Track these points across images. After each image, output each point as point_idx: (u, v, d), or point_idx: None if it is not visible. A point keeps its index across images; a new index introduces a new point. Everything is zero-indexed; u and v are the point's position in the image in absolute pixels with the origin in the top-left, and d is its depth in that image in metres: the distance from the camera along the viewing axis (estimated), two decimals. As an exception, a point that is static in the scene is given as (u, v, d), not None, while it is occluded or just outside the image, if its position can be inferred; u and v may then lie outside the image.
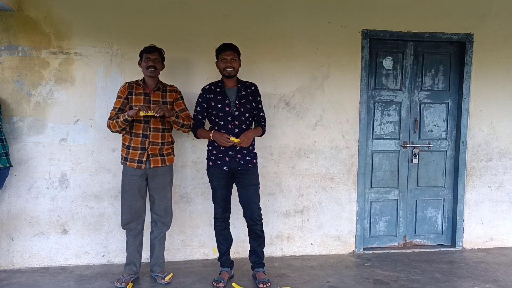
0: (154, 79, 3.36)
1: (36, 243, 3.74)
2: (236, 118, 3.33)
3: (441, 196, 4.40)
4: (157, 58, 3.32)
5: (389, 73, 4.22)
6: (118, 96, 3.36)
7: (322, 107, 4.07)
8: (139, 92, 3.34)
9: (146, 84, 3.37)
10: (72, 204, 3.77)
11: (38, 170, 3.70)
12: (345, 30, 4.03)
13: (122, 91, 3.35)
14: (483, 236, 4.41)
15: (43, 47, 3.64)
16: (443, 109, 4.34)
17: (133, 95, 3.33)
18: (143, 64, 3.32)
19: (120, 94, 3.34)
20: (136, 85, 3.36)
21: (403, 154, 4.30)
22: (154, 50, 3.33)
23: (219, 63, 3.34)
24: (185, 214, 3.93)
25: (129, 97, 3.33)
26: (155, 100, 3.34)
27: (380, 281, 3.55)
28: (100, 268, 3.73)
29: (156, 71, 3.33)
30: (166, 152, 3.41)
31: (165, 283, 3.41)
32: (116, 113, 3.31)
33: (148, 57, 3.30)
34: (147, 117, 3.27)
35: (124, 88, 3.35)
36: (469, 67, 4.24)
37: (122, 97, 3.33)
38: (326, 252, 4.16)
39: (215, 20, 3.84)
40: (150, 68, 3.28)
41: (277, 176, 4.04)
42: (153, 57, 3.30)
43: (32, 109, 3.67)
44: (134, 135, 3.32)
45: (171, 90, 3.43)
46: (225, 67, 3.29)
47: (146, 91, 3.35)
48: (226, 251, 3.50)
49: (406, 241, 4.37)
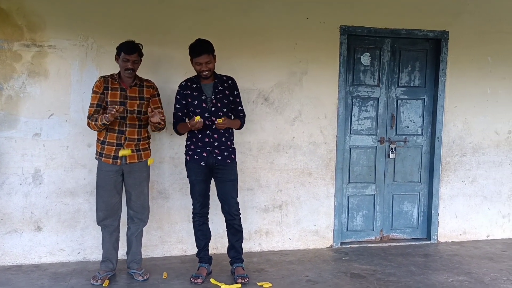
0: (131, 77, 3.30)
1: (9, 240, 3.65)
2: (213, 114, 3.30)
3: (417, 191, 4.47)
4: (136, 60, 3.23)
5: (366, 69, 4.26)
6: (94, 91, 3.26)
7: (301, 103, 4.08)
8: (115, 87, 3.27)
9: (122, 80, 3.30)
10: (46, 200, 3.68)
11: (10, 165, 3.60)
12: (324, 26, 4.05)
13: (98, 86, 3.26)
14: (457, 230, 4.51)
15: (15, 39, 3.54)
16: (419, 105, 4.40)
17: (108, 90, 3.26)
18: (121, 64, 3.22)
19: (96, 89, 3.26)
20: (112, 80, 3.29)
21: (380, 150, 4.35)
22: (133, 51, 3.19)
23: (194, 65, 3.28)
24: (163, 210, 3.90)
25: (105, 92, 3.26)
26: (131, 96, 3.29)
27: (357, 274, 3.59)
28: (76, 266, 3.66)
29: (134, 72, 3.26)
30: (143, 147, 3.37)
31: (142, 279, 3.38)
32: (95, 109, 3.23)
33: (127, 59, 3.19)
34: (124, 113, 3.23)
35: (100, 82, 3.27)
36: (445, 64, 4.31)
37: (98, 92, 3.25)
38: (305, 246, 4.19)
39: (193, 13, 3.80)
40: (128, 70, 3.21)
41: (256, 171, 4.04)
42: (132, 59, 3.20)
43: (4, 103, 3.57)
44: (110, 131, 3.27)
45: (148, 86, 3.37)
46: (201, 71, 3.24)
47: (122, 86, 3.29)
48: (205, 247, 3.48)
49: (383, 235, 4.44)
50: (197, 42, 3.25)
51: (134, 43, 3.24)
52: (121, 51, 3.20)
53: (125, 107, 3.25)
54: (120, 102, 3.25)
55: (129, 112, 3.27)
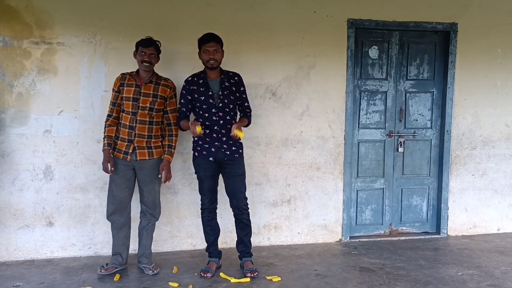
0: (148, 72, 3.33)
1: (21, 235, 3.70)
2: (220, 109, 3.31)
3: (426, 185, 4.45)
4: (153, 53, 3.28)
5: (374, 63, 4.24)
6: (112, 89, 3.38)
7: (308, 97, 4.07)
8: (130, 83, 3.31)
9: (139, 76, 3.33)
10: (57, 196, 3.73)
11: (22, 162, 3.65)
12: (331, 20, 4.03)
13: (115, 83, 3.36)
14: (467, 223, 4.48)
15: (24, 37, 3.57)
16: (428, 98, 4.37)
17: (124, 86, 3.31)
18: (138, 58, 3.28)
19: (113, 87, 3.37)
20: (130, 76, 3.34)
21: (388, 143, 4.33)
22: (150, 44, 3.27)
23: (201, 54, 3.31)
24: (172, 205, 3.92)
25: (120, 88, 3.31)
26: (145, 92, 3.30)
27: (366, 268, 3.59)
28: (87, 260, 3.71)
29: (151, 66, 3.30)
30: (154, 145, 3.38)
31: (152, 274, 3.41)
32: (111, 107, 3.34)
33: (144, 52, 3.25)
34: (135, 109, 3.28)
35: (117, 80, 3.35)
36: (454, 56, 4.27)
37: (114, 90, 3.35)
38: (313, 241, 4.19)
39: (200, 9, 3.80)
40: (145, 63, 3.25)
41: (264, 166, 4.04)
42: (149, 52, 3.26)
43: (15, 100, 3.61)
44: (122, 126, 3.33)
45: (165, 85, 3.38)
46: (208, 59, 3.26)
47: (138, 83, 3.31)
48: (214, 242, 3.50)
49: (392, 229, 4.43)
50: (207, 33, 3.31)
51: (151, 38, 3.31)
52: (139, 45, 3.28)
53: (138, 103, 3.29)
54: (133, 98, 3.28)
55: (141, 108, 3.29)
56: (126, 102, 3.29)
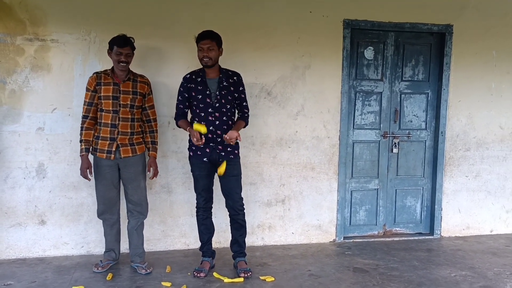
0: (125, 71, 3.30)
1: (13, 234, 3.67)
2: (217, 109, 3.29)
3: (420, 186, 4.46)
4: (129, 53, 3.25)
5: (370, 63, 4.24)
6: (86, 88, 3.30)
7: (304, 97, 4.07)
8: (107, 82, 3.27)
9: (115, 74, 3.29)
10: (50, 194, 3.70)
11: (14, 159, 3.62)
12: (327, 20, 4.03)
13: (90, 82, 3.27)
14: (460, 225, 4.50)
15: (18, 34, 3.54)
16: (423, 99, 4.38)
17: (101, 85, 3.26)
18: (114, 57, 3.24)
19: (88, 86, 3.28)
20: (105, 75, 3.29)
21: (383, 144, 4.34)
22: (126, 43, 3.22)
23: (198, 52, 3.29)
24: (166, 204, 3.90)
25: (97, 88, 3.26)
26: (124, 90, 3.28)
27: (360, 269, 3.59)
28: (79, 259, 3.68)
29: (127, 65, 3.27)
30: (137, 141, 3.38)
31: (145, 273, 3.39)
32: (86, 107, 3.28)
33: (120, 52, 3.20)
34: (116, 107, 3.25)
35: (92, 79, 3.27)
36: (449, 58, 4.28)
37: (90, 90, 3.27)
38: (307, 241, 4.19)
39: (195, 7, 3.78)
40: (122, 63, 3.22)
41: (258, 166, 4.03)
42: (125, 51, 3.21)
43: (7, 97, 3.57)
44: (103, 125, 3.28)
45: (142, 81, 3.36)
46: (202, 57, 3.24)
47: (116, 81, 3.27)
48: (208, 241, 3.49)
49: (386, 230, 4.43)
50: (204, 30, 3.28)
51: (126, 37, 3.25)
52: (114, 45, 3.21)
53: (118, 101, 3.26)
54: (112, 96, 3.24)
55: (122, 106, 3.27)
56: (106, 101, 3.24)
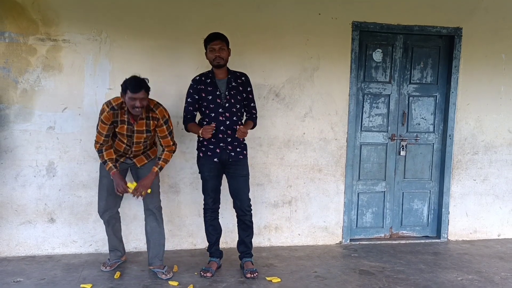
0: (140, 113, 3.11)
1: (23, 231, 3.72)
2: (227, 109, 3.31)
3: (427, 189, 4.45)
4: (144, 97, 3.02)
5: (378, 66, 4.24)
6: (102, 121, 3.10)
7: (312, 99, 4.08)
8: (123, 120, 3.15)
9: (130, 113, 3.12)
10: (59, 192, 3.74)
11: (25, 158, 3.66)
12: (336, 22, 4.04)
13: (107, 117, 3.09)
14: (468, 228, 4.48)
15: (30, 34, 3.58)
16: (431, 102, 4.38)
17: (118, 123, 3.15)
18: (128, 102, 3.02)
19: (105, 121, 3.10)
20: (121, 112, 3.14)
21: (391, 147, 4.34)
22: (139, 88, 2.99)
23: (208, 53, 3.31)
24: (174, 204, 3.93)
25: (114, 124, 3.16)
26: (138, 130, 3.18)
27: (366, 271, 3.59)
28: (88, 257, 3.72)
29: (143, 109, 3.07)
30: (150, 151, 3.39)
31: (166, 278, 3.29)
32: (104, 139, 3.14)
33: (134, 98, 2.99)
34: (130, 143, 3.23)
35: (108, 114, 3.09)
36: (458, 61, 4.27)
37: (107, 124, 3.11)
38: (314, 242, 4.20)
39: (206, 8, 3.81)
40: (136, 109, 3.02)
41: (266, 167, 4.05)
42: (140, 96, 2.99)
43: (19, 97, 3.62)
44: (116, 150, 3.27)
45: (154, 117, 3.18)
46: (214, 57, 3.26)
47: (130, 121, 3.15)
48: (216, 242, 3.50)
49: (392, 233, 4.43)
50: (212, 32, 3.32)
51: (138, 79, 3.03)
52: (127, 89, 3.00)
53: (132, 139, 3.22)
54: (127, 135, 3.19)
55: (135, 143, 3.24)
56: (120, 136, 3.19)
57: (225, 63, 3.32)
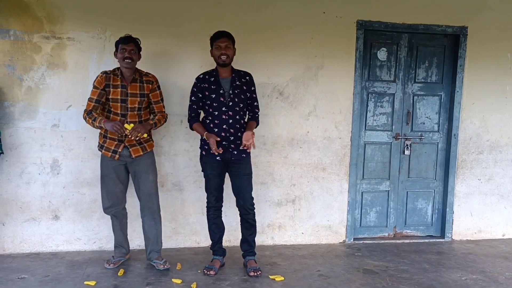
0: (131, 70, 3.28)
1: (27, 228, 3.73)
2: (230, 108, 3.31)
3: (431, 188, 4.44)
4: (133, 49, 3.24)
5: (383, 65, 4.23)
6: (94, 86, 3.25)
7: (316, 97, 4.07)
8: (116, 84, 3.26)
9: (123, 76, 3.29)
10: (63, 190, 3.76)
11: (30, 155, 3.68)
12: (340, 21, 4.02)
13: (99, 81, 3.24)
14: (472, 228, 4.46)
15: (35, 31, 3.60)
16: (435, 101, 4.36)
17: (110, 87, 3.25)
18: (119, 56, 3.24)
19: (97, 85, 3.24)
20: (114, 76, 3.28)
21: (395, 146, 4.32)
22: (129, 41, 3.23)
23: (213, 51, 3.31)
24: (177, 202, 3.94)
25: (106, 89, 3.25)
26: (132, 93, 3.26)
27: (369, 270, 3.59)
28: (91, 254, 3.73)
29: (133, 62, 3.25)
30: (144, 140, 3.37)
31: (163, 268, 3.41)
32: (94, 104, 3.24)
33: (124, 48, 3.21)
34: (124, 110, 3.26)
35: (101, 78, 3.25)
36: (463, 60, 4.25)
37: (99, 88, 3.23)
38: (317, 241, 4.19)
39: (208, 7, 3.81)
40: (126, 60, 3.20)
41: (269, 165, 4.05)
42: (129, 48, 3.21)
43: (24, 94, 3.64)
44: (111, 139, 3.29)
45: (147, 81, 3.33)
46: (220, 55, 3.26)
47: (124, 83, 3.27)
48: (219, 240, 3.51)
49: (396, 232, 4.42)
50: (218, 30, 3.32)
51: (130, 36, 3.28)
52: (118, 44, 3.25)
53: (126, 104, 3.27)
54: (121, 99, 3.25)
55: (130, 109, 3.28)
56: (114, 103, 3.24)
57: (230, 62, 3.32)
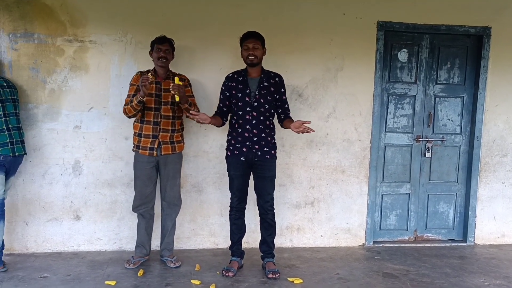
0: (164, 69, 3.45)
1: (50, 228, 3.80)
2: (255, 109, 3.32)
3: (453, 191, 4.36)
4: (168, 49, 3.41)
5: (404, 66, 4.18)
6: (131, 84, 3.46)
7: (335, 99, 4.04)
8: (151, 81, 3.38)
9: (157, 74, 3.45)
10: (85, 190, 3.81)
11: (52, 156, 3.75)
12: (360, 22, 3.99)
13: (135, 79, 3.44)
14: (495, 232, 4.36)
15: (58, 35, 3.66)
16: (458, 103, 4.28)
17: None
18: (154, 55, 3.40)
19: (133, 82, 3.44)
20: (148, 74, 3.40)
21: (416, 148, 4.26)
22: (165, 41, 3.40)
23: (242, 51, 3.33)
24: (196, 203, 3.95)
25: None
26: (165, 88, 3.40)
27: (389, 274, 3.54)
28: (112, 254, 3.78)
29: (167, 62, 3.42)
30: (176, 140, 3.48)
31: (174, 266, 3.49)
32: (130, 99, 3.37)
33: (160, 48, 3.38)
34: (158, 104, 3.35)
35: (137, 76, 3.45)
36: (486, 61, 4.17)
37: (135, 85, 3.41)
38: (336, 244, 4.16)
39: (229, 10, 3.82)
40: (161, 59, 3.37)
41: (288, 167, 4.04)
42: (164, 48, 3.38)
43: (47, 96, 3.71)
44: (145, 123, 3.39)
45: (181, 79, 3.46)
46: (248, 55, 3.29)
47: (157, 80, 3.42)
48: (238, 241, 3.51)
49: (417, 235, 4.35)
50: (249, 31, 3.35)
51: (165, 36, 3.43)
52: (154, 44, 3.42)
53: (160, 99, 3.38)
54: (155, 94, 3.38)
55: (163, 103, 3.39)
56: (148, 98, 3.36)
57: (259, 62, 3.33)
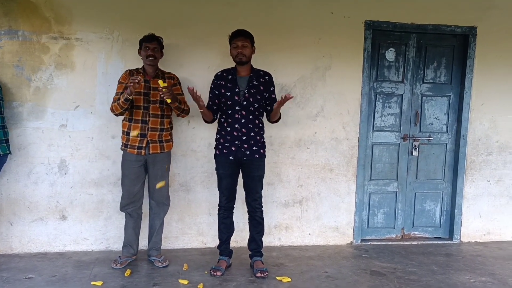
0: (153, 67, 3.42)
1: (35, 228, 3.75)
2: (244, 107, 3.31)
3: (440, 189, 4.40)
4: (156, 47, 3.38)
5: (391, 65, 4.20)
6: (119, 82, 3.43)
7: (323, 98, 4.05)
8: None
9: (145, 72, 3.42)
10: (71, 190, 3.76)
11: (38, 155, 3.69)
12: (348, 21, 4.00)
13: (124, 77, 3.41)
14: (481, 230, 4.42)
15: (43, 32, 3.61)
16: (444, 102, 4.32)
17: None
18: (143, 53, 3.38)
19: (122, 80, 3.41)
20: (136, 73, 3.41)
21: (403, 147, 4.29)
22: (153, 39, 3.38)
23: (231, 49, 3.32)
24: (184, 202, 3.93)
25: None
26: (154, 87, 3.37)
27: (377, 272, 3.56)
28: (99, 254, 3.74)
29: (155, 60, 3.39)
30: (165, 138, 3.45)
31: (162, 266, 3.47)
32: (118, 97, 3.34)
33: (148, 46, 3.35)
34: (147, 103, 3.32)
35: (125, 74, 3.42)
36: (472, 60, 4.22)
37: (123, 83, 3.38)
38: (324, 242, 4.17)
39: (217, 7, 3.80)
40: (150, 57, 3.35)
41: (276, 166, 4.04)
42: (152, 46, 3.36)
43: (32, 94, 3.65)
44: (134, 121, 3.36)
45: (169, 77, 3.48)
46: (237, 54, 3.27)
47: (146, 78, 3.39)
48: (227, 240, 3.50)
49: (404, 233, 4.39)
50: (238, 29, 3.33)
51: (153, 34, 3.41)
52: (142, 42, 3.39)
53: (148, 97, 3.36)
54: (143, 92, 3.35)
55: (152, 102, 3.36)
56: (137, 97, 3.33)
57: (248, 60, 3.32)
